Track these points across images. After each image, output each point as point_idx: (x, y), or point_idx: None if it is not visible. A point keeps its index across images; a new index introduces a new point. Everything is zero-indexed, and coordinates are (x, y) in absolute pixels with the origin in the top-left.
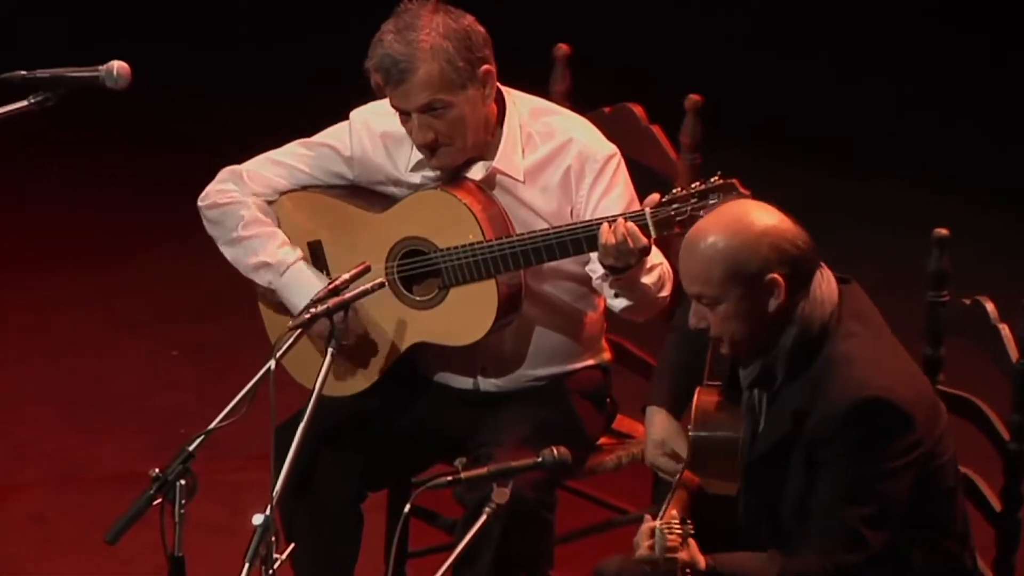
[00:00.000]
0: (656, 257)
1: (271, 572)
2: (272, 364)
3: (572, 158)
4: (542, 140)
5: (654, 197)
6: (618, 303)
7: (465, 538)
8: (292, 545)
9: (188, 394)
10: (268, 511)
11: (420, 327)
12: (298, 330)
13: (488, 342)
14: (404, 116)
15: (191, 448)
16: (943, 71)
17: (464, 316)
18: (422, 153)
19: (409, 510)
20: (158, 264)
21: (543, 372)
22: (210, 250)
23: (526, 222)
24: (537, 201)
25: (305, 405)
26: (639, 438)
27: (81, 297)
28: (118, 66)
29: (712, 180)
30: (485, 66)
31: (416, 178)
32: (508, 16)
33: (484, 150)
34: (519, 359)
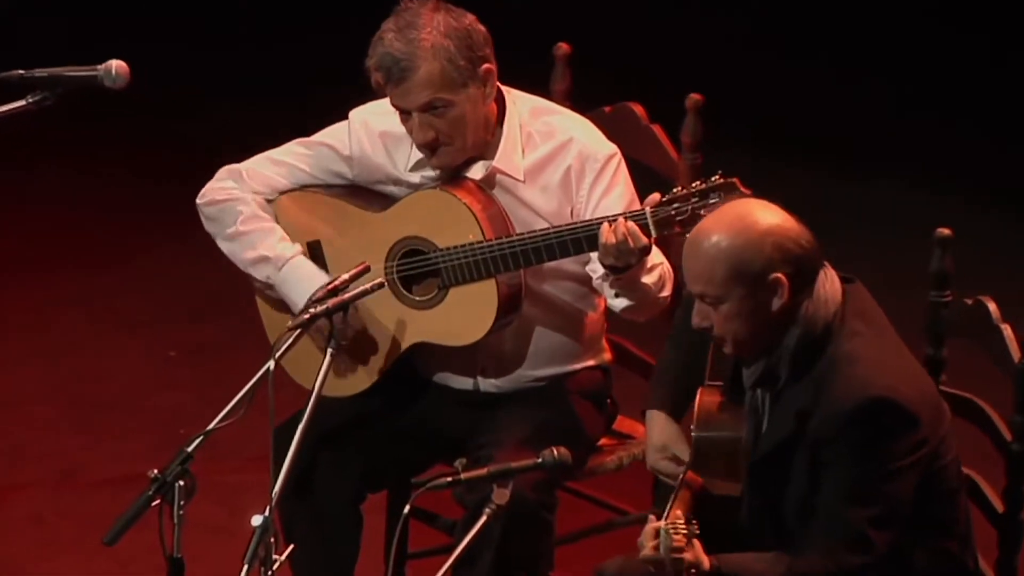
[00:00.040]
0: (656, 257)
1: (270, 573)
2: (271, 365)
3: (572, 158)
4: (542, 139)
5: (654, 197)
6: (618, 303)
7: (465, 539)
8: (291, 546)
9: (187, 394)
10: (267, 512)
11: (420, 327)
12: (297, 330)
13: (488, 342)
14: (404, 115)
15: (190, 449)
16: (943, 71)
17: (464, 316)
18: (422, 152)
19: (409, 511)
20: (158, 264)
21: (543, 372)
22: (210, 250)
23: (526, 222)
24: (537, 201)
25: (304, 405)
26: (640, 439)
27: (81, 297)
28: (116, 65)
29: (713, 179)
30: (486, 65)
31: (415, 177)
32: (508, 16)
33: (484, 149)
34: (519, 359)
